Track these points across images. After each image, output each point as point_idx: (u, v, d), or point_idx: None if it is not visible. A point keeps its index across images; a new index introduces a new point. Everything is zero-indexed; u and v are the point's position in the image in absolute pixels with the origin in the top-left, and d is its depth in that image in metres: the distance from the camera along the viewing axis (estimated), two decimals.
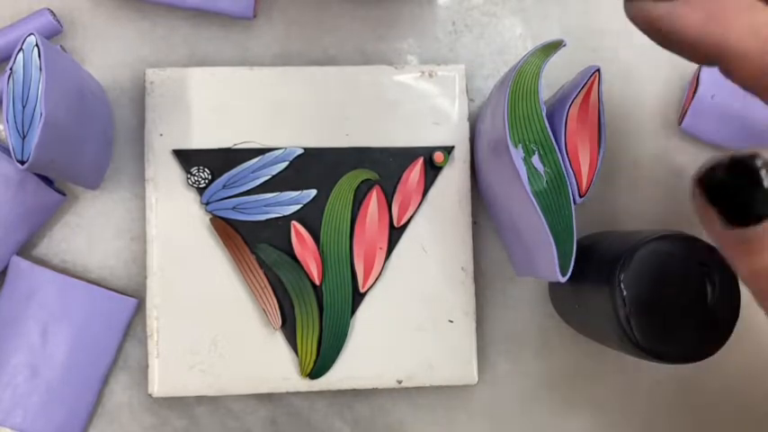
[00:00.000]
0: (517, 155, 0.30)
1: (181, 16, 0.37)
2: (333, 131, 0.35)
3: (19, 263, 0.34)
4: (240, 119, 0.35)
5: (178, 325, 0.35)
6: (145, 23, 0.37)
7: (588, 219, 0.37)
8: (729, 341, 0.29)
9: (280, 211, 0.35)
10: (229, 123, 0.35)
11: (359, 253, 0.35)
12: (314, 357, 0.35)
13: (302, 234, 0.35)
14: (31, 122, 0.29)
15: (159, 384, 0.34)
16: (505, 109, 0.30)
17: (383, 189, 0.35)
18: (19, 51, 0.29)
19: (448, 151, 0.36)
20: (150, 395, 0.34)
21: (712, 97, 0.35)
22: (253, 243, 0.35)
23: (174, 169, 0.35)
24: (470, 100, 0.37)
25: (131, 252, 0.36)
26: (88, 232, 0.36)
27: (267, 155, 0.35)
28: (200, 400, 0.36)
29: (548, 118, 0.31)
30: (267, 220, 0.35)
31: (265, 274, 0.35)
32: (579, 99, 0.32)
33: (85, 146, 0.32)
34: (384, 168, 0.35)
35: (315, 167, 0.35)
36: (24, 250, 0.36)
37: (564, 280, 0.30)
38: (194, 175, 0.35)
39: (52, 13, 0.35)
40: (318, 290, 0.35)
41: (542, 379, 0.37)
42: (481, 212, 0.37)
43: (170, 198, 0.35)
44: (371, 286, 0.35)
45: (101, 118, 0.34)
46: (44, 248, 0.36)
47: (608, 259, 0.30)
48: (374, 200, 0.35)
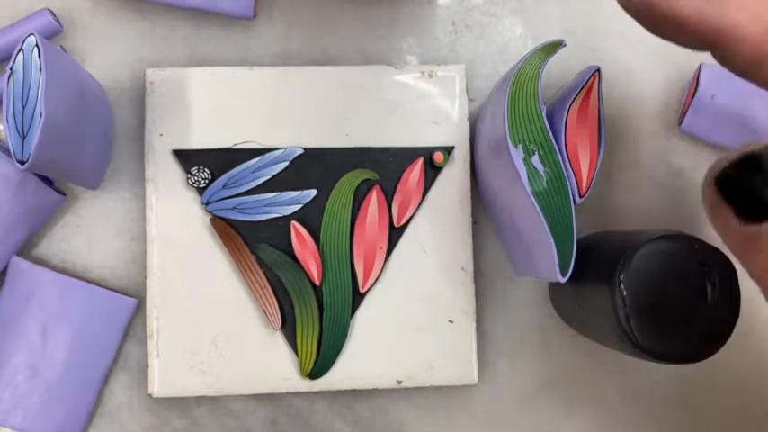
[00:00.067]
0: (517, 155, 0.30)
1: (181, 16, 0.37)
2: (333, 131, 0.36)
3: (19, 263, 0.34)
4: (240, 119, 0.35)
5: (178, 325, 0.35)
6: (145, 23, 0.37)
7: (588, 219, 0.37)
8: (729, 341, 0.29)
9: (280, 211, 0.35)
10: (229, 123, 0.35)
11: (359, 253, 0.35)
12: (314, 357, 0.35)
13: (302, 234, 0.35)
14: (31, 122, 0.29)
15: (159, 384, 0.34)
16: (505, 109, 0.30)
17: (383, 189, 0.35)
18: (19, 51, 0.29)
19: (448, 151, 0.36)
20: (150, 395, 0.34)
21: (712, 97, 0.35)
22: (253, 243, 0.35)
23: (174, 169, 0.35)
24: (470, 100, 0.37)
25: (131, 252, 0.36)
26: (88, 232, 0.36)
27: (267, 155, 0.35)
28: (200, 400, 0.36)
29: (548, 118, 0.31)
30: (267, 220, 0.35)
31: (265, 275, 0.35)
32: (579, 99, 0.33)
33: (85, 146, 0.32)
34: (384, 168, 0.35)
35: (315, 167, 0.35)
36: (24, 250, 0.36)
37: (564, 280, 0.30)
38: (194, 175, 0.35)
39: (52, 13, 0.35)
40: (318, 290, 0.35)
41: (542, 379, 0.37)
42: (481, 212, 0.37)
43: (170, 198, 0.35)
44: (371, 286, 0.35)
45: (101, 118, 0.34)
46: (44, 248, 0.36)
47: (608, 259, 0.30)
48: (374, 200, 0.35)
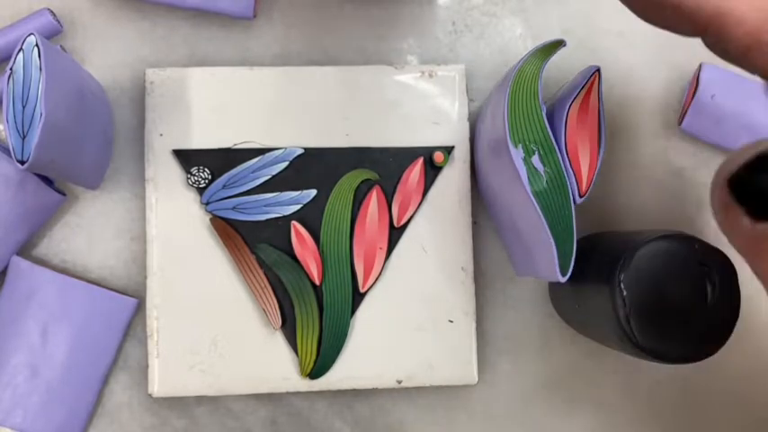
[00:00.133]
0: (517, 155, 0.30)
1: (181, 16, 0.37)
2: (333, 131, 0.36)
3: (19, 263, 0.34)
4: (240, 119, 0.35)
5: (178, 325, 0.35)
6: (145, 23, 0.37)
7: (588, 219, 0.37)
8: (729, 341, 0.29)
9: (280, 211, 0.35)
10: (229, 123, 0.35)
11: (359, 253, 0.35)
12: (314, 357, 0.35)
13: (302, 234, 0.35)
14: (31, 122, 0.29)
15: (159, 384, 0.34)
16: (505, 109, 0.30)
17: (383, 189, 0.35)
18: (19, 51, 0.29)
19: (448, 151, 0.36)
20: (150, 395, 0.34)
21: (712, 97, 0.35)
22: (253, 243, 0.35)
23: (174, 169, 0.35)
24: (470, 100, 0.37)
25: (131, 252, 0.36)
26: (88, 232, 0.36)
27: (267, 155, 0.35)
28: (200, 400, 0.36)
29: (548, 118, 0.31)
30: (267, 220, 0.35)
31: (265, 274, 0.35)
32: (579, 99, 0.32)
33: (85, 146, 0.32)
34: (384, 168, 0.35)
35: (315, 167, 0.35)
36: (24, 250, 0.36)
37: (564, 280, 0.30)
38: (194, 175, 0.35)
39: (52, 13, 0.35)
40: (318, 290, 0.35)
41: (542, 379, 0.37)
42: (481, 212, 0.37)
43: (170, 198, 0.35)
44: (371, 286, 0.35)
45: (101, 118, 0.34)
46: (44, 248, 0.36)
47: (608, 259, 0.30)
48: (374, 200, 0.35)
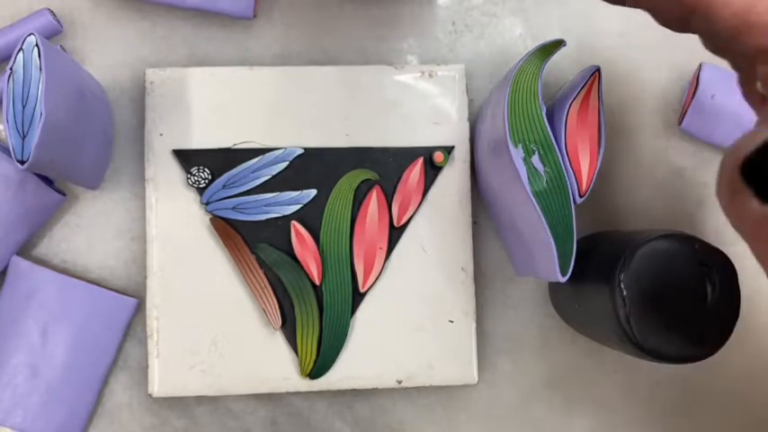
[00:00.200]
0: (517, 155, 0.30)
1: (181, 16, 0.37)
2: (333, 131, 0.36)
3: (19, 263, 0.34)
4: (240, 119, 0.35)
5: (178, 325, 0.35)
6: (145, 23, 0.37)
7: (588, 219, 0.37)
8: (729, 341, 0.29)
9: (280, 211, 0.35)
10: (229, 123, 0.35)
11: (359, 253, 0.35)
12: (314, 357, 0.35)
13: (302, 234, 0.35)
14: (31, 122, 0.29)
15: (159, 384, 0.34)
16: (505, 109, 0.30)
17: (383, 189, 0.35)
18: (19, 51, 0.29)
19: (448, 151, 0.36)
20: (150, 395, 0.34)
21: (712, 97, 0.35)
22: (253, 243, 0.35)
23: (174, 169, 0.35)
24: (470, 100, 0.37)
25: (131, 252, 0.36)
26: (88, 232, 0.36)
27: (267, 155, 0.35)
28: (200, 400, 0.36)
29: (548, 118, 0.31)
30: (267, 220, 0.35)
31: (265, 274, 0.35)
32: (579, 99, 0.33)
33: (85, 146, 0.32)
34: (384, 168, 0.35)
35: (315, 167, 0.35)
36: (24, 250, 0.36)
37: (564, 280, 0.30)
38: (194, 175, 0.35)
39: (52, 13, 0.35)
40: (318, 290, 0.35)
41: (542, 379, 0.37)
42: (481, 212, 0.37)
43: (170, 198, 0.35)
44: (371, 286, 0.35)
45: (101, 118, 0.34)
46: (44, 248, 0.36)
47: (608, 259, 0.30)
48: (374, 200, 0.35)
